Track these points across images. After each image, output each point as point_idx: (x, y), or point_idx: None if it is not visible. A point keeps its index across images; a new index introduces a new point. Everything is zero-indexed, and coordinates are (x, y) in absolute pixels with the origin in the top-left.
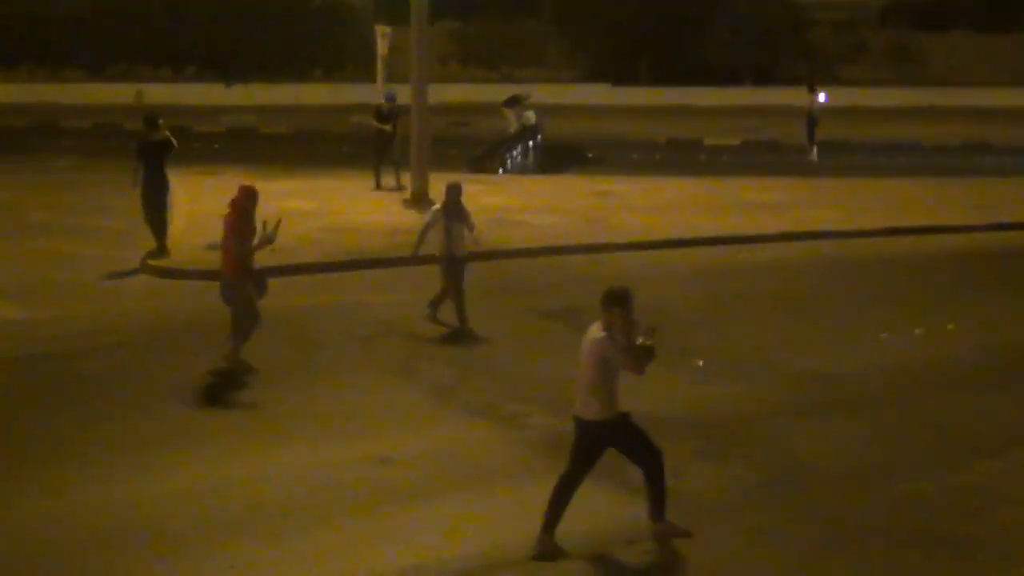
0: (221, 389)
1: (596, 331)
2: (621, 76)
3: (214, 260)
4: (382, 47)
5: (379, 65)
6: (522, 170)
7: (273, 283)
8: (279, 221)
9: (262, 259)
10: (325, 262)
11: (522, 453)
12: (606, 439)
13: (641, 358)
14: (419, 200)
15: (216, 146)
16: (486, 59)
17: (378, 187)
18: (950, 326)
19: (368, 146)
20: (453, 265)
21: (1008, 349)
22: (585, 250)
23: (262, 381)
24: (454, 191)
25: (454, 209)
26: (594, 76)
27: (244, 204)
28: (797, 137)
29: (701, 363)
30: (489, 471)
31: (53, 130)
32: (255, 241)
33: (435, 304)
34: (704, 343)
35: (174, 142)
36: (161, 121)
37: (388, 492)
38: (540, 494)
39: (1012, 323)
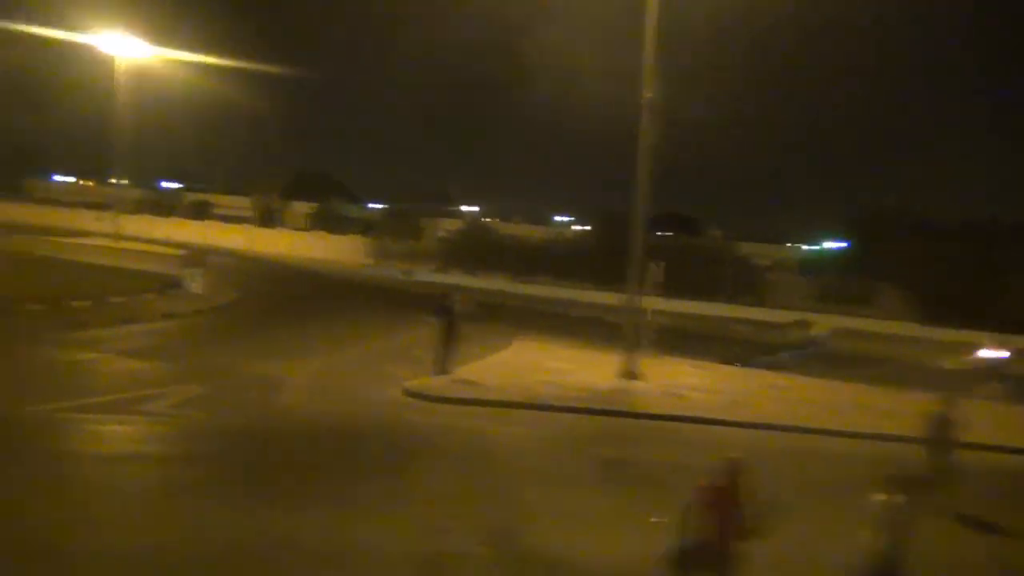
0: None
1: None
2: (932, 316)
3: (447, 390)
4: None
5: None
6: (790, 365)
7: (460, 411)
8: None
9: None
10: (502, 400)
11: None
12: None
13: None
14: (627, 374)
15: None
16: (833, 298)
17: None
18: None
19: None
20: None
21: None
22: (698, 421)
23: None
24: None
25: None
26: (921, 317)
27: (731, 480)
28: None
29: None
30: None
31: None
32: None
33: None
34: None
35: (455, 308)
36: (460, 296)
37: None
38: None
39: None
